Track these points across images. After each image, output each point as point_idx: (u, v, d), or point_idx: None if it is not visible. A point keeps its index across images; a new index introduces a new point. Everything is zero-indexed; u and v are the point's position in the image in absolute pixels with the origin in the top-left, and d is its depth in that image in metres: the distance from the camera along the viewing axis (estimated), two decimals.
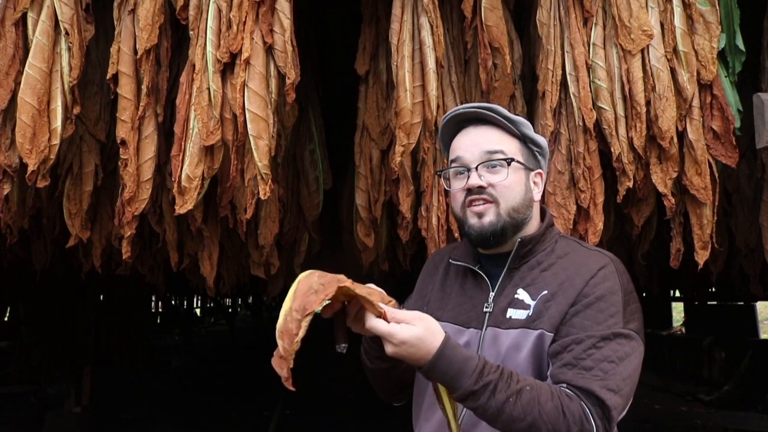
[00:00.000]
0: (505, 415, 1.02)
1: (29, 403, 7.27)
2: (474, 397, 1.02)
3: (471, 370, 1.02)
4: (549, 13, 1.97)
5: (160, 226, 2.43)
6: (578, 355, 1.09)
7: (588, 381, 1.06)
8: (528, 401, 1.02)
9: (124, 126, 1.95)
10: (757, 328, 9.48)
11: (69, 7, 1.91)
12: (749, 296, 7.51)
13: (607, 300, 1.14)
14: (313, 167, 2.70)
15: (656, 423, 6.49)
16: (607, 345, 1.10)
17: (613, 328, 1.12)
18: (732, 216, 2.76)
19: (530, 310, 1.18)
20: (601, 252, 1.26)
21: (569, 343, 1.11)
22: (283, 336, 0.97)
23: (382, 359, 1.17)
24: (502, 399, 1.02)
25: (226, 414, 6.99)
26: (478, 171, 1.22)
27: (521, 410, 1.02)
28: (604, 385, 1.06)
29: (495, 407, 1.02)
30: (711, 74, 1.84)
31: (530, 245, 1.24)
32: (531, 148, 1.30)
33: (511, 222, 1.22)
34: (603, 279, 1.17)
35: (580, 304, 1.15)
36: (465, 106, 1.31)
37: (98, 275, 3.18)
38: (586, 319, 1.13)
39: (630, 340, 1.13)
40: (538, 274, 1.22)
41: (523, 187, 1.25)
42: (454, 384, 1.03)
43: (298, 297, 0.98)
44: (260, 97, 1.79)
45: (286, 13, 1.81)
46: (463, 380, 1.02)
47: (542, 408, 1.02)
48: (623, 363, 1.10)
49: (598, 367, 1.08)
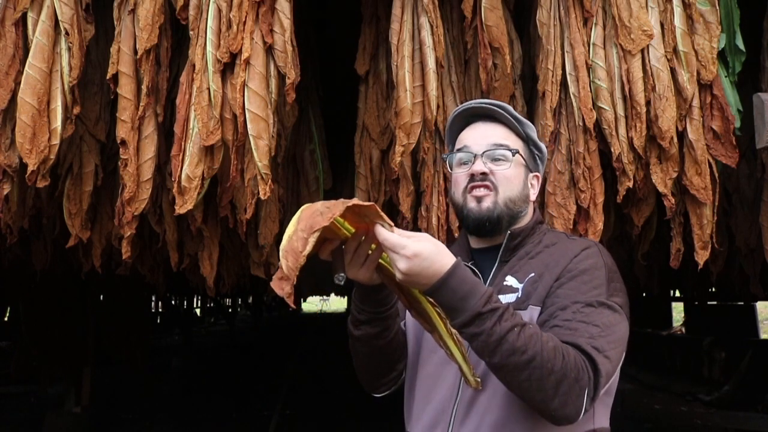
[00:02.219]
0: (507, 345, 1.00)
1: (29, 403, 7.27)
2: (480, 320, 1.00)
3: (480, 293, 1.01)
4: (549, 13, 1.97)
5: (160, 226, 2.43)
6: (564, 318, 1.10)
7: (575, 338, 1.07)
8: (530, 335, 1.01)
9: (124, 126, 1.95)
10: (757, 328, 9.48)
11: (69, 7, 1.91)
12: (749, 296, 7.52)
13: (590, 273, 1.17)
14: (313, 167, 2.70)
15: (656, 423, 6.49)
16: (592, 311, 1.11)
17: (597, 297, 1.13)
18: (732, 216, 2.76)
19: (519, 292, 1.20)
20: (585, 239, 1.33)
21: (555, 311, 1.13)
22: (287, 255, 0.94)
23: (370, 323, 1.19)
24: (506, 327, 1.00)
25: (226, 414, 6.99)
26: (483, 158, 1.27)
27: (523, 342, 1.00)
28: (590, 343, 1.06)
29: (498, 334, 1.00)
30: (711, 74, 1.84)
31: (520, 237, 1.28)
32: (533, 150, 1.35)
33: (507, 212, 1.26)
34: (587, 257, 1.20)
35: (565, 277, 1.17)
36: (476, 101, 1.36)
37: (98, 275, 3.18)
38: (570, 289, 1.15)
39: (614, 311, 1.14)
40: (525, 261, 1.25)
41: (522, 182, 1.30)
42: (462, 304, 1.01)
43: (303, 220, 0.96)
44: (260, 97, 1.79)
45: (286, 13, 1.81)
46: (471, 301, 1.00)
47: (544, 345, 1.01)
48: (608, 329, 1.10)
49: (584, 329, 1.08)
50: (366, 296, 1.17)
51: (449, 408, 1.19)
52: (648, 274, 4.73)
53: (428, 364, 1.25)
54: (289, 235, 0.96)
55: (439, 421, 1.20)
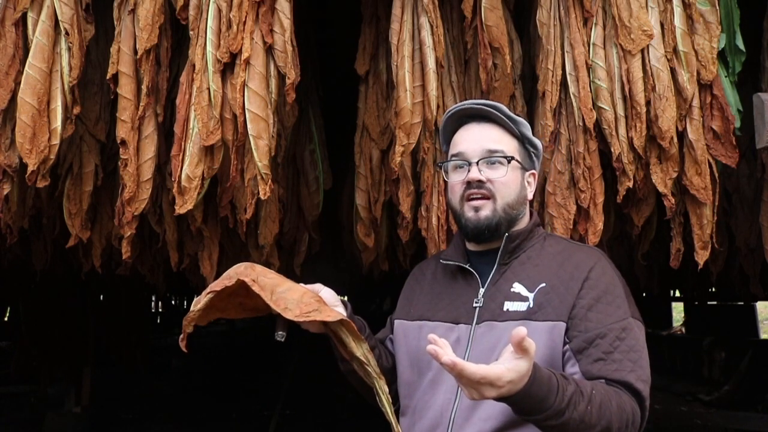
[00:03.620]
0: (584, 425, 1.01)
1: (29, 403, 7.26)
2: (559, 414, 0.98)
3: (556, 388, 0.98)
4: (549, 13, 1.97)
5: (160, 226, 2.43)
6: (606, 350, 1.11)
7: (624, 374, 1.09)
8: (599, 404, 1.02)
9: (124, 126, 1.95)
10: (757, 328, 9.48)
11: (69, 7, 1.90)
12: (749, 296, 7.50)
13: (612, 292, 1.19)
14: (313, 167, 2.70)
15: (656, 423, 6.49)
16: (629, 335, 1.13)
17: (625, 317, 1.16)
18: (732, 216, 2.76)
19: (529, 302, 1.19)
20: (589, 247, 1.36)
21: (593, 338, 1.13)
22: (195, 305, 1.16)
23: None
24: (582, 409, 1.00)
25: (226, 414, 6.99)
26: (478, 166, 1.26)
27: (597, 416, 1.02)
28: (638, 377, 1.09)
29: (578, 419, 1.00)
30: (711, 74, 1.84)
31: (518, 240, 1.28)
32: (528, 148, 1.35)
33: (505, 217, 1.26)
34: (602, 272, 1.21)
35: (590, 297, 1.17)
36: (469, 102, 1.35)
37: (98, 275, 3.18)
38: (600, 313, 1.15)
39: (639, 323, 1.18)
40: (532, 269, 1.25)
41: (519, 185, 1.29)
42: (542, 406, 0.97)
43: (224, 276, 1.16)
44: (260, 97, 1.79)
45: (286, 13, 1.81)
46: (550, 400, 0.98)
47: (611, 409, 1.03)
48: (642, 351, 1.14)
49: (627, 358, 1.11)
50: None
51: (448, 412, 1.19)
52: (648, 274, 4.73)
53: (427, 371, 1.25)
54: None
55: (437, 425, 1.19)
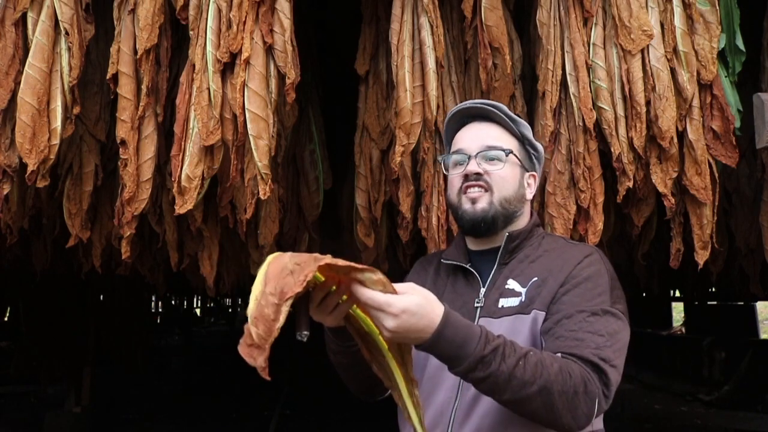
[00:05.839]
0: (516, 380, 0.98)
1: (29, 403, 7.26)
2: (484, 363, 0.97)
3: (477, 336, 0.98)
4: (549, 13, 1.97)
5: (160, 226, 2.43)
6: (570, 328, 1.11)
7: (581, 350, 1.07)
8: (535, 363, 1.00)
9: (124, 126, 1.95)
10: (757, 328, 9.48)
11: (69, 7, 1.90)
12: (749, 296, 7.52)
13: (594, 281, 1.18)
14: (313, 167, 2.70)
15: (656, 423, 6.49)
16: (597, 320, 1.12)
17: (602, 305, 1.14)
18: (732, 216, 2.76)
19: (522, 296, 1.20)
20: (585, 245, 1.36)
21: (560, 318, 1.13)
22: (257, 323, 0.88)
23: (344, 354, 1.18)
24: (512, 363, 0.98)
25: (226, 414, 6.99)
26: (476, 159, 1.27)
27: (531, 373, 0.99)
28: (596, 354, 1.07)
29: (506, 372, 0.98)
30: (711, 74, 1.84)
31: (518, 240, 1.28)
32: (528, 150, 1.36)
33: (502, 212, 1.26)
34: (590, 264, 1.21)
35: (569, 284, 1.17)
36: (470, 102, 1.36)
37: (98, 275, 3.18)
38: (575, 297, 1.15)
39: (617, 319, 1.15)
40: (526, 265, 1.25)
41: (517, 181, 1.30)
42: (462, 352, 0.97)
43: (271, 279, 0.88)
44: (260, 97, 1.79)
45: (286, 13, 1.81)
46: (470, 346, 0.97)
47: (549, 370, 1.00)
48: (613, 338, 1.11)
49: (590, 339, 1.09)
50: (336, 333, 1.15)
51: (449, 410, 1.19)
52: (648, 274, 4.73)
53: (427, 366, 1.25)
54: (257, 296, 0.88)
55: (438, 423, 1.19)
